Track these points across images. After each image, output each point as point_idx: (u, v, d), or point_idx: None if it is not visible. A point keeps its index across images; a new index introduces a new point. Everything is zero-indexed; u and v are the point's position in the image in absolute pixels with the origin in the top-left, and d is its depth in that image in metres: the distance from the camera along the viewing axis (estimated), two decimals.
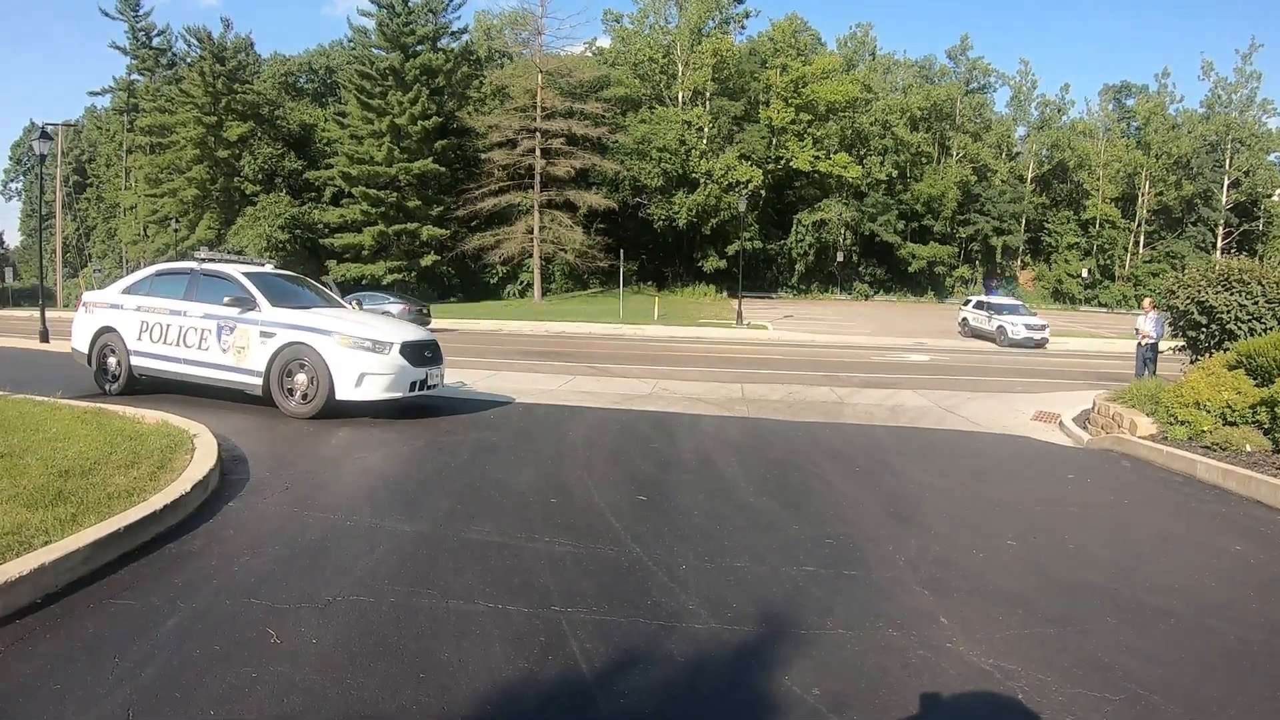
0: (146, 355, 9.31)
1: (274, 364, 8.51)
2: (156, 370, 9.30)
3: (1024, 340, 28.60)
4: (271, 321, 8.66)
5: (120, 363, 9.49)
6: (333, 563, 4.04)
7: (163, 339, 9.19)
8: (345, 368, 8.30)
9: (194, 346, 8.98)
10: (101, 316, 9.76)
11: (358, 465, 6.37)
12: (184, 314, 9.13)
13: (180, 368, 9.12)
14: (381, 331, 8.75)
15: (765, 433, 9.00)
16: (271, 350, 8.53)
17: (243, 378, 8.68)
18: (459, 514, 5.00)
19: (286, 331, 8.55)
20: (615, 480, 6.23)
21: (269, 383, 8.53)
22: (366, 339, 8.48)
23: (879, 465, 7.47)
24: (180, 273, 9.69)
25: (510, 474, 6.25)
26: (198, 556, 4.15)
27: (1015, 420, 11.61)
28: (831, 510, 5.65)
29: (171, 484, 5.07)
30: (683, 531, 4.85)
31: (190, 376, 9.10)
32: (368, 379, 8.37)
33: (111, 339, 9.57)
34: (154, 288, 9.65)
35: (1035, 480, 7.59)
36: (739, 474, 6.66)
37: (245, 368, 8.65)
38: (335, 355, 8.34)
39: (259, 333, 8.62)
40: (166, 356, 9.18)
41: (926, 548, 4.90)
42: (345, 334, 8.47)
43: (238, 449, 6.60)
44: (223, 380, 8.86)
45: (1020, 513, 6.06)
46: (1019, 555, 4.97)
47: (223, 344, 8.81)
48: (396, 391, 8.60)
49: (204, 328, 8.94)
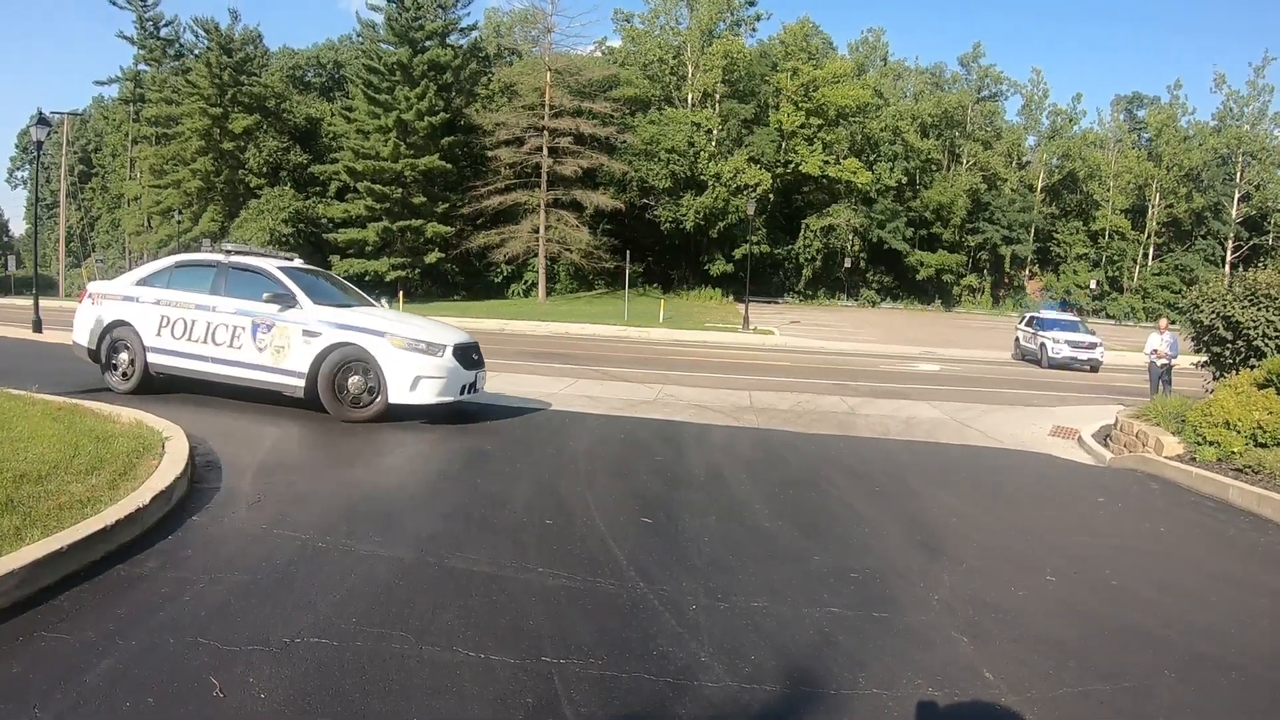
0: (166, 352, 8.62)
1: (320, 366, 8.05)
2: (177, 368, 8.60)
3: (1066, 361, 24.56)
4: (315, 320, 8.19)
5: (134, 359, 8.76)
6: (296, 595, 3.57)
7: (186, 335, 8.51)
8: (399, 371, 7.95)
9: (224, 344, 8.35)
10: (112, 309, 9.00)
11: (339, 476, 5.91)
12: (213, 309, 8.47)
13: (206, 366, 8.46)
14: (432, 333, 8.42)
15: (777, 446, 8.53)
16: (316, 351, 8.05)
17: (281, 379, 8.16)
18: (444, 537, 4.52)
19: (334, 331, 8.10)
20: (618, 498, 5.77)
21: (314, 385, 8.06)
22: (420, 340, 8.14)
23: (899, 485, 7.00)
24: (205, 265, 8.93)
25: (504, 489, 5.79)
26: (148, 581, 3.69)
27: (1033, 435, 11.22)
28: (854, 538, 5.18)
29: (131, 494, 4.61)
30: (692, 562, 4.38)
31: (218, 376, 8.47)
32: (423, 382, 8.03)
33: (124, 334, 8.83)
34: (175, 280, 8.91)
35: (1065, 504, 7.16)
36: (752, 493, 6.20)
37: (285, 368, 8.14)
38: (388, 357, 7.96)
39: (301, 332, 8.12)
40: (191, 354, 8.50)
41: (961, 584, 4.43)
42: (398, 335, 8.09)
43: (213, 454, 6.15)
44: (257, 381, 8.29)
45: (1054, 543, 5.61)
46: (1060, 594, 4.52)
47: (258, 343, 8.22)
48: (448, 396, 8.27)
49: (237, 325, 8.32)
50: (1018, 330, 28.54)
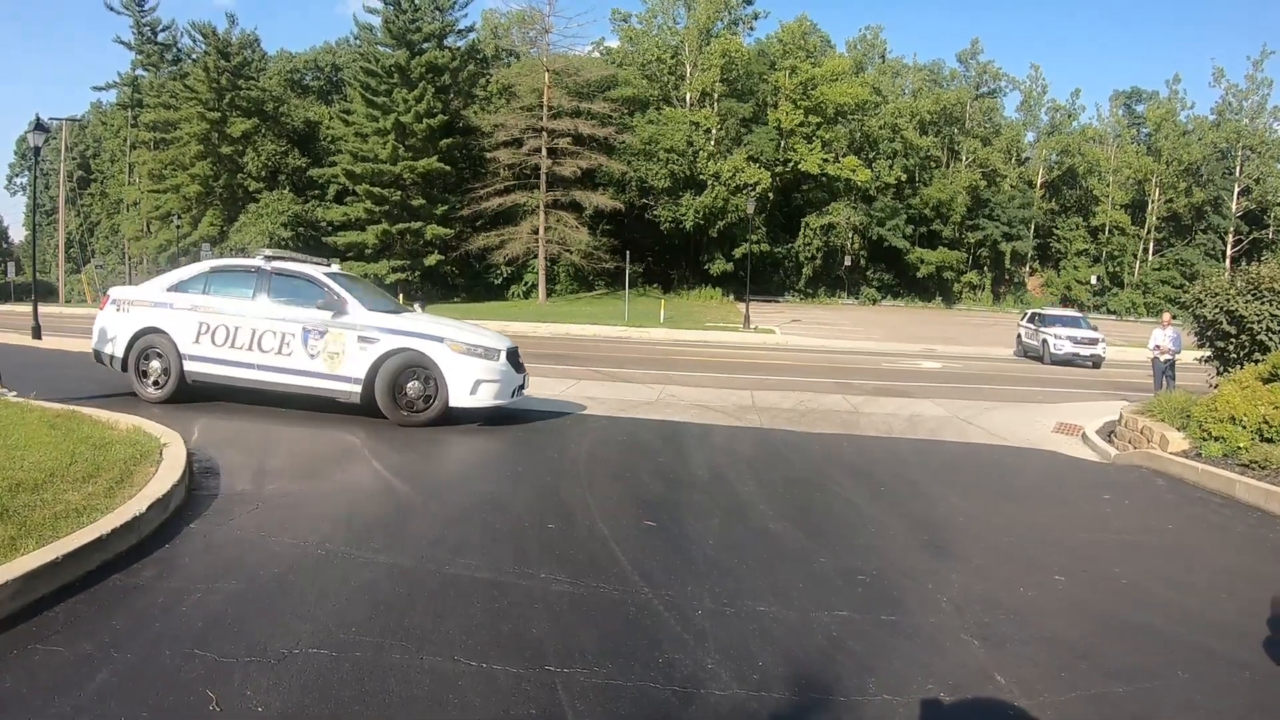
0: (207, 360, 8.42)
1: (378, 371, 8.07)
2: (219, 376, 8.43)
3: (1068, 358, 24.28)
4: (371, 326, 8.20)
5: (169, 367, 8.51)
6: (295, 604, 3.51)
7: (229, 342, 8.33)
8: (460, 375, 8.10)
9: (271, 351, 8.24)
10: (142, 315, 8.68)
11: (339, 480, 5.85)
12: (259, 316, 8.37)
13: (251, 374, 8.33)
14: (486, 338, 8.63)
15: (780, 446, 8.47)
16: (374, 357, 8.07)
17: (335, 385, 8.15)
18: (445, 542, 4.46)
19: (391, 337, 8.14)
20: (620, 501, 5.71)
21: (372, 391, 8.08)
22: (477, 345, 8.32)
23: (904, 484, 6.94)
24: (245, 270, 8.79)
25: (505, 492, 5.74)
26: (145, 591, 3.63)
27: (1037, 432, 11.15)
28: (860, 538, 5.12)
29: (128, 502, 4.55)
30: (696, 566, 4.31)
31: (263, 384, 8.33)
32: (482, 386, 8.22)
33: (156, 340, 8.55)
34: (212, 286, 8.70)
35: (1071, 501, 7.10)
36: (755, 494, 6.13)
37: (340, 375, 8.12)
38: (449, 362, 8.10)
39: (356, 338, 8.12)
40: (234, 361, 8.35)
41: (969, 585, 4.37)
42: (457, 340, 8.25)
43: (212, 460, 6.08)
44: (309, 388, 8.24)
45: (1062, 541, 5.55)
46: (1070, 593, 4.46)
47: (310, 349, 8.17)
48: (502, 399, 8.47)
49: (286, 331, 8.22)
50: (1020, 327, 28.33)
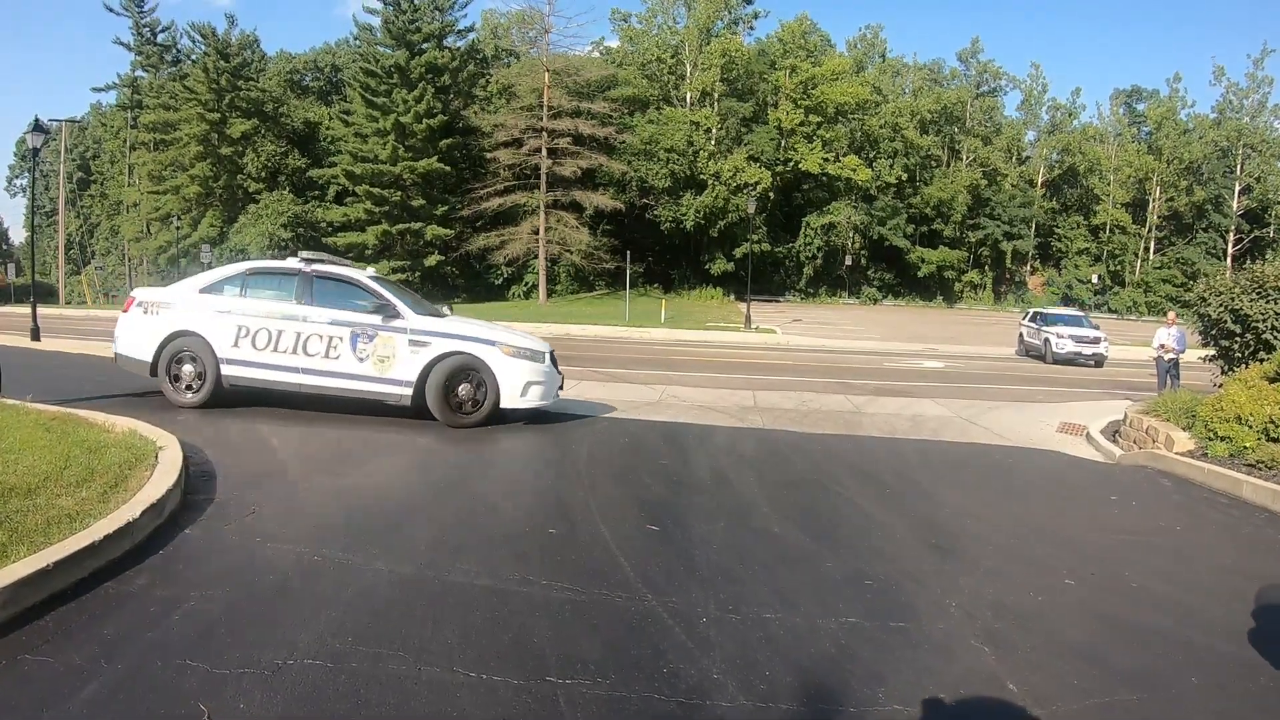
0: (247, 364, 8.30)
1: (430, 375, 8.16)
2: (259, 380, 8.33)
3: (1070, 357, 24.17)
4: (422, 331, 8.29)
5: (204, 371, 8.33)
6: (290, 612, 3.43)
7: (271, 346, 8.25)
8: (512, 377, 8.33)
9: (318, 355, 8.21)
10: (173, 318, 8.46)
11: (337, 484, 5.76)
12: (303, 319, 8.28)
13: (295, 378, 8.27)
14: (531, 340, 8.89)
15: (783, 447, 8.39)
16: (426, 360, 8.17)
17: (385, 388, 8.21)
18: (444, 547, 4.38)
19: (443, 341, 8.27)
20: (622, 504, 5.63)
21: (423, 394, 8.17)
22: (525, 348, 8.57)
23: (909, 485, 6.86)
24: (285, 273, 8.68)
25: (505, 496, 5.66)
26: (137, 599, 3.55)
27: (1040, 432, 11.07)
28: (865, 541, 5.04)
29: (121, 507, 4.47)
30: (701, 571, 4.22)
31: (308, 387, 8.31)
32: (532, 388, 8.48)
33: (190, 344, 8.36)
34: (249, 288, 8.56)
35: (1077, 502, 7.02)
36: (759, 496, 6.05)
37: (391, 378, 8.18)
38: (501, 365, 8.30)
39: (408, 342, 8.19)
40: (277, 365, 8.27)
41: (978, 589, 4.29)
42: (507, 343, 8.47)
43: (209, 464, 6.00)
44: (357, 391, 8.27)
45: (1069, 542, 5.47)
46: (1080, 597, 4.39)
47: (359, 353, 8.18)
48: (548, 400, 8.72)
49: (333, 335, 8.20)
50: (1022, 326, 28.24)
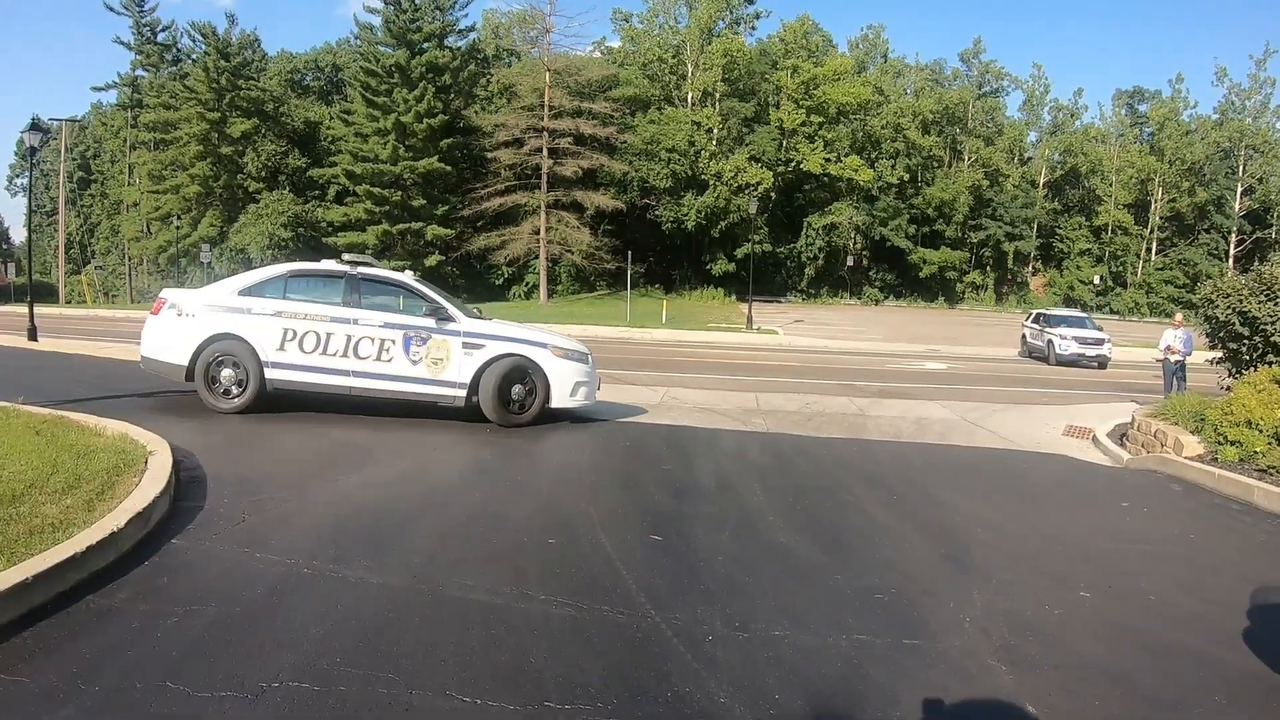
0: (294, 367, 8.18)
1: (484, 376, 8.33)
2: (307, 384, 8.23)
3: (1074, 358, 24.06)
4: (476, 333, 8.47)
5: (246, 375, 8.11)
6: (277, 629, 3.27)
7: (320, 349, 8.17)
8: (563, 378, 8.60)
9: (369, 358, 8.22)
10: (211, 321, 8.21)
11: (330, 492, 5.59)
12: (354, 322, 8.25)
13: (346, 380, 8.24)
14: (574, 342, 9.16)
15: (788, 451, 8.24)
16: (480, 362, 8.35)
17: (439, 390, 8.35)
18: (440, 559, 4.23)
19: (497, 343, 8.48)
20: (624, 513, 5.46)
21: (474, 395, 8.34)
22: (572, 350, 8.86)
23: (918, 491, 6.71)
24: (330, 275, 8.62)
25: (504, 504, 5.49)
26: (119, 615, 3.40)
27: (1047, 435, 10.93)
28: (876, 552, 4.89)
29: (106, 516, 4.33)
30: (706, 585, 4.07)
31: (359, 390, 8.32)
32: (580, 388, 8.77)
33: (231, 347, 8.14)
34: (291, 291, 8.42)
35: (1089, 508, 6.87)
36: (765, 504, 5.89)
37: (444, 379, 8.33)
38: (552, 366, 8.55)
39: (461, 345, 8.35)
40: (326, 369, 8.20)
41: (992, 603, 4.14)
42: (557, 345, 8.74)
43: (201, 469, 5.86)
44: (410, 393, 8.35)
45: (1084, 552, 5.33)
46: (1098, 610, 4.24)
47: (412, 355, 8.26)
48: (591, 400, 9.01)
49: (385, 338, 8.24)
50: (1025, 327, 28.06)
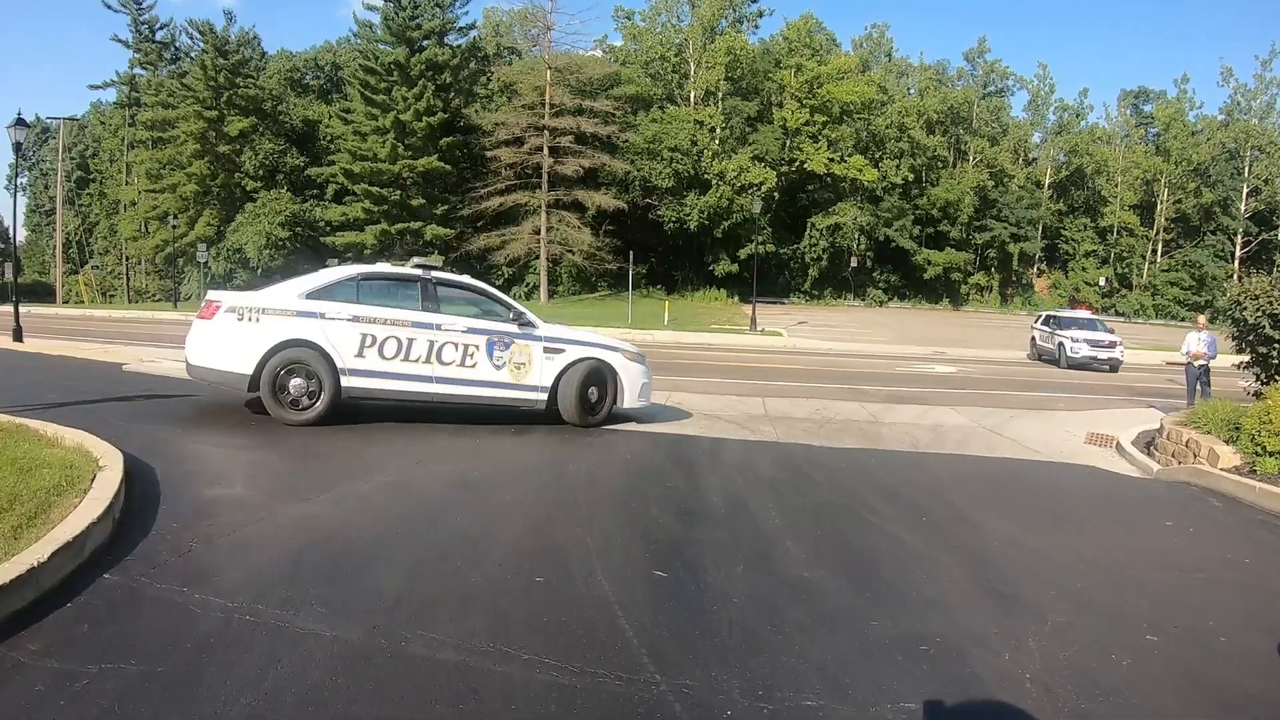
0: (373, 374, 7.92)
1: (564, 380, 8.57)
2: (387, 391, 8.06)
3: (1085, 361, 23.52)
4: (555, 338, 8.72)
5: (319, 384, 7.68)
6: (202, 700, 2.67)
7: (401, 355, 7.98)
8: (632, 380, 8.95)
9: (453, 364, 8.18)
10: (281, 326, 7.71)
11: (297, 513, 5.00)
12: (437, 327, 8.13)
13: (429, 387, 8.15)
14: (635, 346, 9.47)
15: (801, 463, 7.66)
16: (560, 366, 8.59)
17: (522, 394, 8.54)
18: (408, 601, 3.63)
19: (576, 348, 8.74)
20: (623, 541, 4.86)
21: (555, 398, 8.58)
22: (636, 353, 9.21)
23: (947, 510, 6.13)
24: (405, 280, 8.48)
25: (488, 529, 4.89)
26: (22, 674, 2.83)
27: (1068, 444, 10.40)
28: (911, 587, 4.29)
29: (31, 547, 3.75)
30: (720, 637, 3.45)
31: (442, 396, 8.26)
32: (644, 389, 9.15)
33: (302, 354, 7.68)
34: (364, 295, 8.12)
35: (1131, 528, 6.33)
36: (781, 527, 5.29)
37: (527, 384, 8.52)
38: (624, 369, 8.90)
39: (542, 349, 8.56)
40: (408, 375, 8.05)
41: (1052, 652, 3.56)
42: (624, 349, 9.08)
43: (157, 485, 5.29)
44: (493, 398, 8.47)
45: (1136, 582, 4.78)
46: (1169, 657, 3.70)
47: (495, 360, 8.35)
48: (649, 401, 9.44)
49: (469, 343, 8.23)
50: (1034, 329, 27.52)
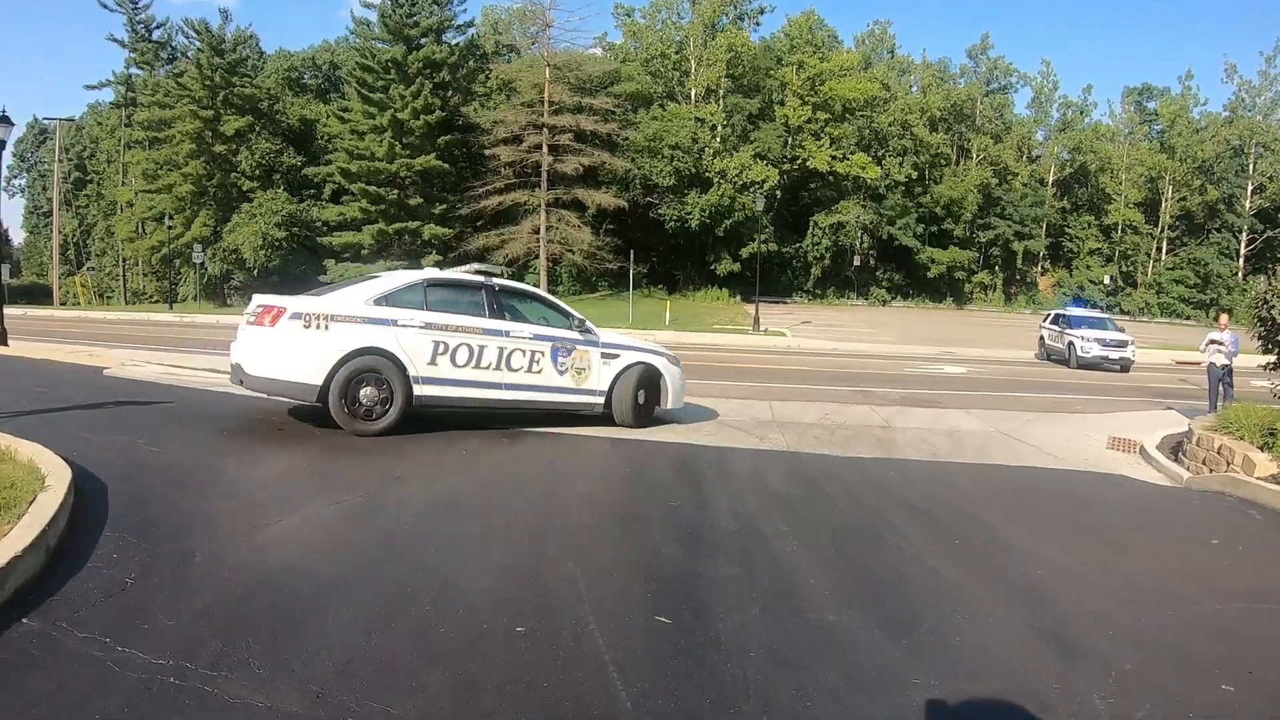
0: (446, 382, 7.81)
1: (619, 384, 8.81)
2: (458, 398, 7.97)
3: (1096, 361, 23.01)
4: (611, 344, 8.99)
5: (390, 393, 7.42)
6: None
7: (473, 362, 7.93)
8: (674, 383, 9.28)
9: (521, 370, 8.26)
10: (353, 334, 7.36)
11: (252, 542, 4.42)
12: (506, 334, 8.16)
13: (498, 394, 8.19)
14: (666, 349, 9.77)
15: (815, 475, 7.09)
16: (615, 371, 8.82)
17: (582, 399, 8.75)
18: (361, 661, 3.05)
19: (629, 353, 9.01)
20: (620, 576, 4.24)
21: (610, 402, 8.82)
22: (673, 356, 9.53)
23: (979, 530, 5.57)
24: (469, 286, 8.39)
25: (464, 563, 4.29)
26: None
27: (1091, 449, 9.87)
28: (954, 631, 3.71)
29: None
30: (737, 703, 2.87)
31: (510, 403, 8.38)
32: (680, 391, 9.44)
33: (376, 363, 7.39)
34: (432, 301, 7.95)
35: (1173, 547, 5.82)
36: (800, 556, 4.71)
37: (587, 388, 8.72)
38: (669, 372, 9.24)
39: (600, 355, 8.77)
40: (479, 382, 8.02)
41: (1125, 713, 3.02)
42: (665, 354, 9.42)
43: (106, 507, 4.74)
44: (557, 403, 8.67)
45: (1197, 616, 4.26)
46: (1254, 713, 3.18)
47: (559, 366, 8.48)
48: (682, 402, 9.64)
49: (535, 349, 8.33)
50: (1043, 329, 26.97)
